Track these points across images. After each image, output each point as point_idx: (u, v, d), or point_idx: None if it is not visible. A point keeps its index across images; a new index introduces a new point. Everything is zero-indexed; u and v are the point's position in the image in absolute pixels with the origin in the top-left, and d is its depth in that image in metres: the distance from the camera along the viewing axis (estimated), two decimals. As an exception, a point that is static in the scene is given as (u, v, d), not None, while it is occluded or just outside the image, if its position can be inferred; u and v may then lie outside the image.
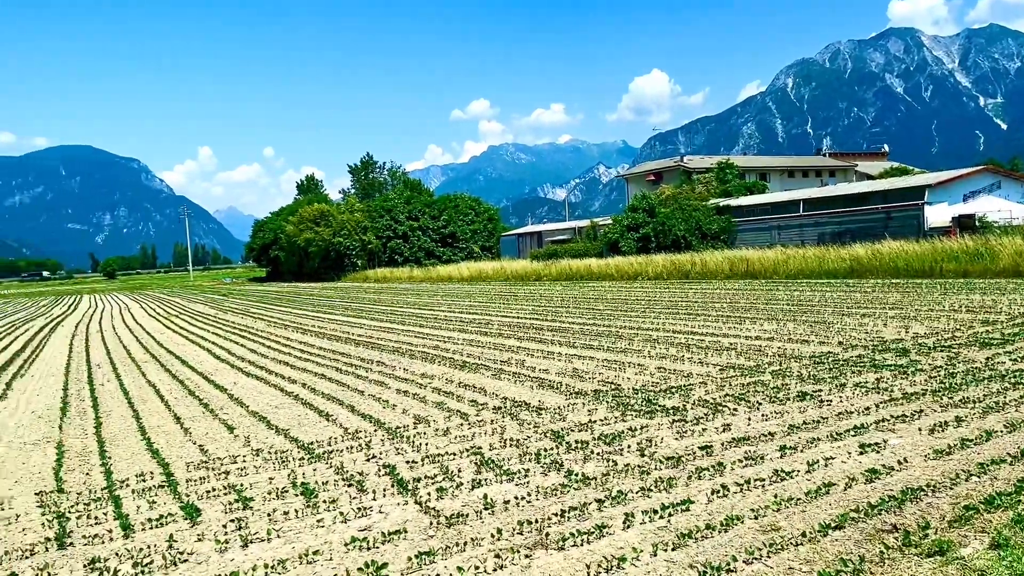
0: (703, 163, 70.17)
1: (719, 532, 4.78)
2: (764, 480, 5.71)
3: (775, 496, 5.35)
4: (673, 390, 9.29)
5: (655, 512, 5.16)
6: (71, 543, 5.31)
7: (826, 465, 5.98)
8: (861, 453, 6.22)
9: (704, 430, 7.33)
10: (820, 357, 10.88)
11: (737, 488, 5.57)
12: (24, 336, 24.35)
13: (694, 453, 6.55)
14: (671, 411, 8.14)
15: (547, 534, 4.92)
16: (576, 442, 7.09)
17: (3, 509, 6.18)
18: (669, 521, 5.04)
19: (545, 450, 6.88)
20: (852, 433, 6.82)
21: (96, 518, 5.81)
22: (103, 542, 5.30)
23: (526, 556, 4.61)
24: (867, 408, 7.71)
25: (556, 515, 5.24)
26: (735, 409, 8.09)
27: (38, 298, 69.28)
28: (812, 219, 41.45)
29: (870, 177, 65.47)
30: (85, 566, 4.86)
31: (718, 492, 5.50)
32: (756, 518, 4.98)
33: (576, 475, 6.09)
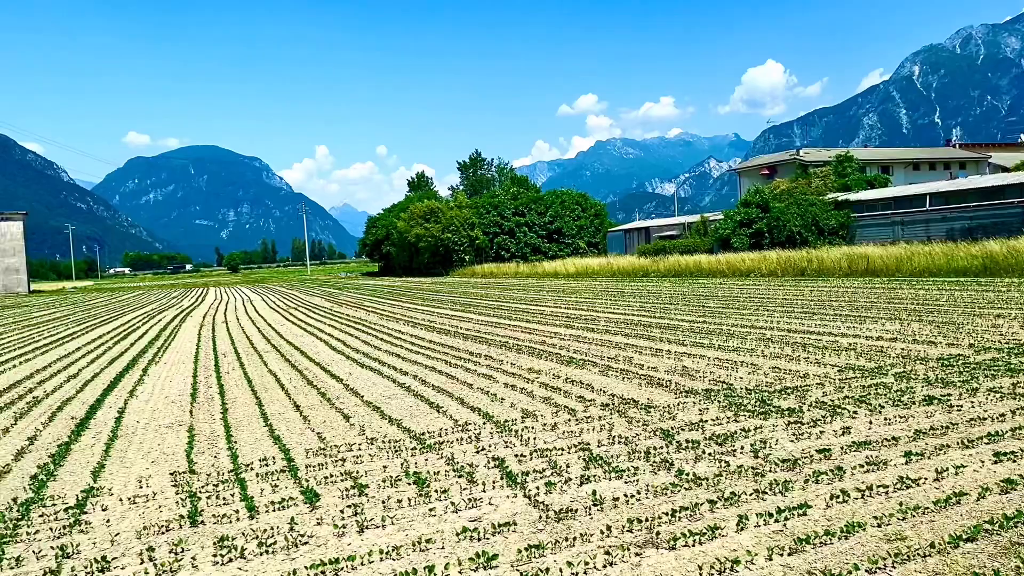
0: (820, 156, 67.43)
1: (839, 539, 4.60)
2: (888, 487, 5.45)
3: (900, 504, 5.10)
4: (788, 391, 9.00)
5: (770, 515, 5.01)
6: (202, 521, 5.63)
7: (956, 473, 5.65)
8: (996, 462, 5.85)
9: (822, 432, 7.06)
10: (948, 360, 10.28)
11: (858, 494, 5.34)
12: (158, 326, 25.98)
13: (811, 456, 6.32)
14: (786, 412, 7.88)
15: (657, 533, 4.87)
16: (686, 441, 6.97)
17: (141, 487, 6.62)
18: (785, 525, 4.89)
19: (654, 448, 6.80)
20: (985, 441, 6.42)
21: (224, 499, 6.14)
22: (231, 522, 5.60)
23: (636, 554, 4.57)
24: (1002, 415, 7.24)
25: (666, 514, 5.17)
26: (855, 412, 7.75)
27: (169, 290, 73.75)
28: (940, 214, 39.15)
29: (1005, 169, 61.31)
30: (215, 543, 5.14)
31: (837, 497, 5.29)
32: (879, 526, 4.76)
33: (687, 475, 5.99)
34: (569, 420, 8.18)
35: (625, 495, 5.61)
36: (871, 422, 7.33)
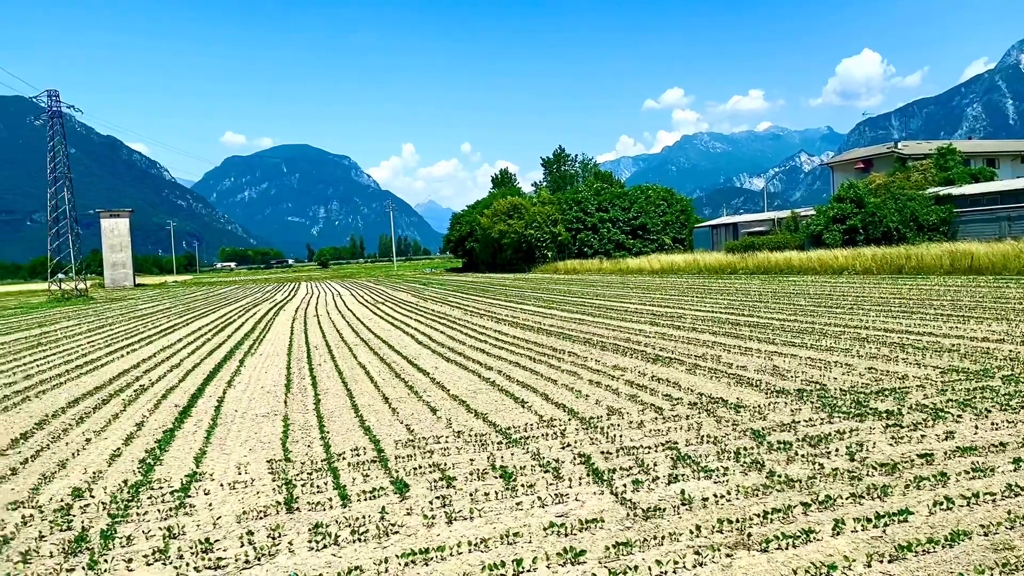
0: (920, 148, 64.46)
1: (943, 547, 4.41)
2: (995, 494, 5.19)
3: (1008, 512, 4.85)
4: (886, 392, 8.66)
5: (868, 521, 4.84)
6: (297, 508, 5.82)
7: (1072, 483, 5.34)
8: (1117, 473, 5.49)
9: (923, 436, 6.77)
10: (1063, 363, 9.70)
11: (963, 501, 5.10)
12: (253, 319, 26.97)
13: (912, 461, 6.07)
14: (884, 415, 7.59)
15: (749, 534, 4.77)
16: (778, 442, 6.80)
17: (240, 473, 6.90)
18: (884, 531, 4.72)
19: (745, 449, 6.66)
20: (1105, 450, 6.04)
21: (318, 487, 6.33)
22: (324, 509, 5.77)
23: (727, 555, 4.49)
24: (1124, 422, 6.79)
25: (758, 516, 5.06)
26: (959, 416, 7.40)
27: (263, 284, 76.42)
28: (1051, 209, 36.88)
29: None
30: (310, 530, 5.31)
31: (941, 504, 5.07)
32: (986, 535, 4.54)
33: (779, 476, 5.84)
34: (656, 418, 8.10)
35: (715, 495, 5.52)
36: (977, 427, 6.99)
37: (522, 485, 6.03)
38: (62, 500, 6.30)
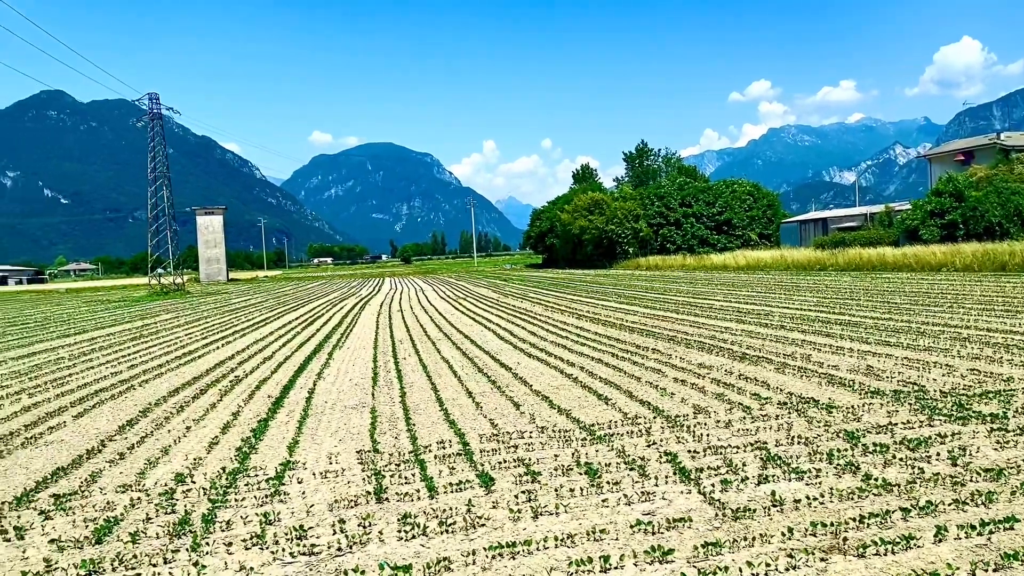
0: (1025, 139, 61.05)
1: (1056, 559, 4.18)
2: (1115, 506, 4.89)
3: None
4: (990, 395, 8.26)
5: (972, 528, 4.63)
6: (386, 498, 5.95)
7: None
8: None
9: (1032, 443, 6.43)
10: None
11: (1078, 512, 4.82)
12: (339, 313, 27.67)
13: (1018, 467, 5.78)
14: (988, 418, 7.24)
15: (844, 539, 4.62)
16: (874, 445, 6.57)
17: (331, 463, 7.10)
18: (989, 539, 4.50)
19: (838, 450, 6.45)
20: None
21: (405, 478, 6.46)
22: (412, 500, 5.88)
23: (821, 559, 4.37)
24: None
25: (853, 520, 4.90)
26: (1072, 421, 7.00)
27: (349, 279, 78.25)
28: None
29: None
30: (399, 520, 5.43)
31: (1053, 514, 4.80)
32: (1105, 549, 4.28)
33: (875, 480, 5.64)
34: (744, 418, 7.94)
35: (807, 497, 5.37)
36: (1092, 433, 6.59)
37: (607, 482, 6.01)
38: (166, 484, 6.61)
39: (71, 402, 11.14)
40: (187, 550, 5.08)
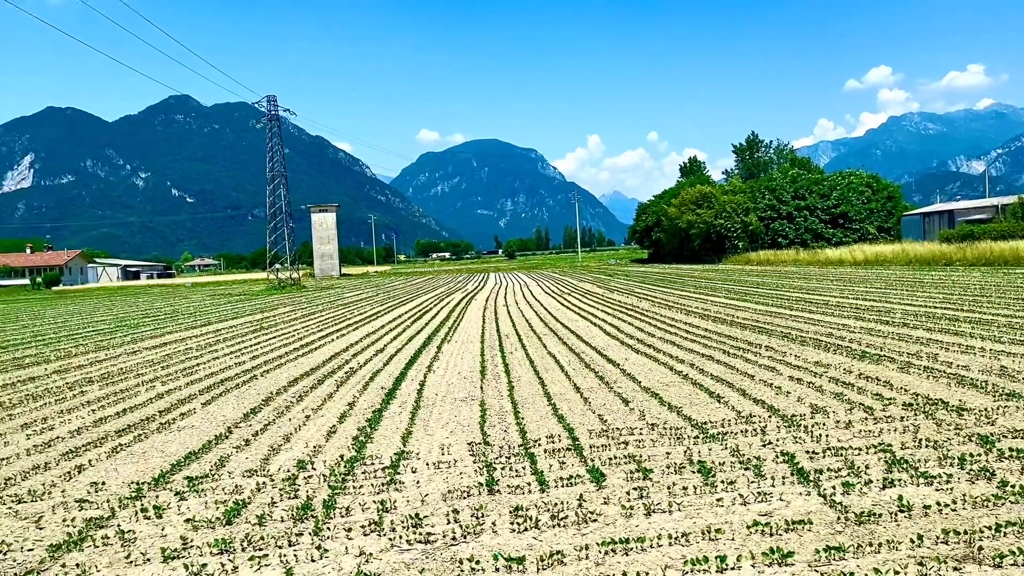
0: None
1: None
2: None
3: None
4: None
5: None
6: (498, 490, 6.03)
7: None
8: None
9: None
10: None
11: None
12: (447, 308, 28.18)
13: None
14: None
15: (979, 548, 4.37)
16: (1010, 450, 6.17)
17: (444, 454, 7.25)
18: None
19: (970, 455, 6.10)
20: None
21: (516, 471, 6.53)
22: (523, 493, 5.94)
23: (954, 569, 4.14)
24: None
25: (989, 528, 4.62)
26: None
27: (455, 274, 79.58)
28: None
29: None
30: (511, 512, 5.49)
31: None
32: None
33: (1013, 487, 5.30)
34: (865, 419, 7.61)
35: (937, 503, 5.10)
36: None
37: (721, 481, 5.89)
38: (288, 471, 6.92)
39: (199, 390, 11.81)
40: (309, 534, 5.30)
